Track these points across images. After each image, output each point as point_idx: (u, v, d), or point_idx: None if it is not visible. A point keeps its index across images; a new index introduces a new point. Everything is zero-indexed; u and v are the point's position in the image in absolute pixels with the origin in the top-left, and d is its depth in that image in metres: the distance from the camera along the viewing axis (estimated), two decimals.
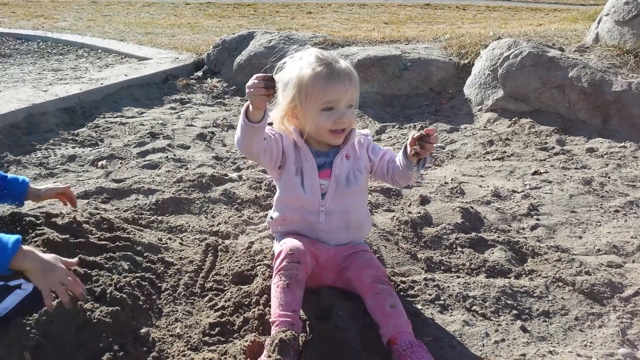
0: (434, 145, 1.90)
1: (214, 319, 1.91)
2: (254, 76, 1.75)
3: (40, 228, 2.11)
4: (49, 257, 1.75)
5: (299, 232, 2.10)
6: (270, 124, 2.04)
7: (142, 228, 2.54)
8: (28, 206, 2.55)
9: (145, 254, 2.22)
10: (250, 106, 1.80)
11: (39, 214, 2.25)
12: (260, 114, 1.82)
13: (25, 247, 1.71)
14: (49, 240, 2.03)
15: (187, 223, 2.68)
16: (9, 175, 2.25)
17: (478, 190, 3.21)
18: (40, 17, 11.64)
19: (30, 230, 2.10)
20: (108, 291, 1.86)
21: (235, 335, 1.86)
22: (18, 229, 2.11)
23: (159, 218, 2.70)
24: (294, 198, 2.04)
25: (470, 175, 3.51)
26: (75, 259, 1.85)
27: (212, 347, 1.80)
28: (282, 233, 2.15)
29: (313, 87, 1.91)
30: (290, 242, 1.95)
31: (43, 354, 1.64)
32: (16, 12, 12.58)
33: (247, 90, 1.76)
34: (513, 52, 4.73)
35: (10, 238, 1.68)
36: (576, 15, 8.34)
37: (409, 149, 1.91)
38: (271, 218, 2.18)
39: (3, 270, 1.66)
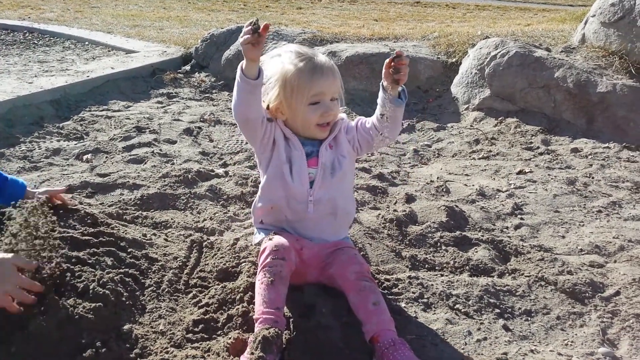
0: (407, 65, 1.94)
1: (198, 316, 1.91)
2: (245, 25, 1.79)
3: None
4: (3, 262, 1.67)
5: (284, 224, 2.11)
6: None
7: (126, 223, 2.52)
8: None
9: (129, 250, 2.20)
10: (245, 60, 1.83)
11: None
12: (255, 68, 1.84)
13: None
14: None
15: (172, 219, 2.67)
16: (10, 177, 2.23)
17: (463, 189, 3.22)
18: (27, 7, 11.48)
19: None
20: (91, 287, 1.85)
21: (219, 332, 1.86)
22: None
23: (144, 213, 2.69)
24: (281, 187, 2.05)
25: (455, 174, 3.53)
26: (35, 263, 1.75)
27: (196, 344, 1.80)
28: (267, 224, 2.15)
29: (298, 82, 1.93)
30: (275, 239, 1.96)
31: (24, 349, 1.64)
32: (2, 2, 12.40)
33: (239, 40, 1.80)
34: (500, 52, 4.75)
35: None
36: (564, 16, 8.39)
37: (385, 83, 1.97)
38: (257, 207, 2.17)
39: None
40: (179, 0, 14.38)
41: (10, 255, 1.71)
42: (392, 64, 1.94)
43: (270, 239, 1.96)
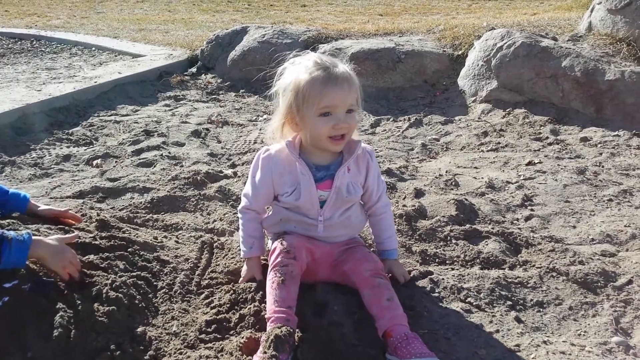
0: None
1: (210, 317, 1.93)
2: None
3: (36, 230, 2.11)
4: (54, 239, 1.92)
5: (295, 230, 2.10)
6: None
7: (137, 227, 2.55)
8: None
9: (141, 253, 2.22)
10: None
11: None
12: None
13: (34, 237, 1.83)
14: None
15: (182, 221, 2.69)
16: (11, 190, 2.24)
17: (472, 181, 3.22)
18: (34, 15, 11.57)
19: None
20: (104, 291, 1.87)
21: (232, 332, 1.87)
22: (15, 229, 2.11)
23: (155, 216, 2.71)
24: (292, 208, 2.04)
25: (464, 167, 3.52)
26: (75, 233, 2.10)
27: (209, 345, 1.81)
28: (279, 233, 2.15)
29: (310, 91, 1.87)
30: (286, 238, 1.96)
31: (40, 354, 1.66)
32: (9, 10, 12.51)
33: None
34: (506, 43, 4.73)
35: (23, 234, 1.81)
36: (570, 4, 8.33)
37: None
38: (265, 224, 2.17)
39: (22, 264, 1.80)
40: (184, 3, 14.42)
41: (55, 237, 1.94)
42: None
43: (281, 240, 1.96)
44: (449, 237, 2.53)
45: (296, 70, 1.93)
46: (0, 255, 1.74)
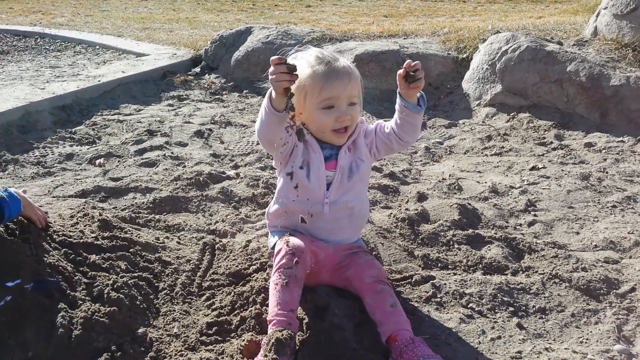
0: (422, 72, 1.89)
1: (211, 319, 1.92)
2: (273, 60, 1.74)
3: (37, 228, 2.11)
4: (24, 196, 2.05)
5: (299, 227, 2.10)
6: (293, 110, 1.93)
7: (139, 227, 2.55)
8: None
9: (142, 254, 2.22)
10: (274, 93, 1.80)
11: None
12: (284, 101, 1.82)
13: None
14: (47, 241, 2.03)
15: (184, 222, 2.68)
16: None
17: (476, 186, 3.21)
18: (38, 12, 11.61)
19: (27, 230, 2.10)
20: (105, 291, 1.88)
21: (233, 334, 1.87)
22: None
23: (157, 217, 2.70)
24: (298, 190, 2.04)
25: (468, 171, 3.51)
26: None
27: (210, 347, 1.81)
28: (281, 227, 2.15)
29: (311, 85, 1.92)
30: (291, 241, 1.95)
31: (41, 354, 1.66)
32: (14, 8, 12.54)
33: (270, 77, 1.76)
34: (511, 47, 4.72)
35: (4, 190, 1.90)
36: (577, 8, 8.31)
37: (402, 92, 1.94)
38: (270, 210, 2.17)
39: (20, 212, 1.95)
40: (188, 2, 14.43)
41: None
42: (406, 73, 1.89)
43: (286, 241, 1.96)
44: (451, 242, 2.52)
45: (298, 65, 1.94)
46: (3, 212, 1.85)
